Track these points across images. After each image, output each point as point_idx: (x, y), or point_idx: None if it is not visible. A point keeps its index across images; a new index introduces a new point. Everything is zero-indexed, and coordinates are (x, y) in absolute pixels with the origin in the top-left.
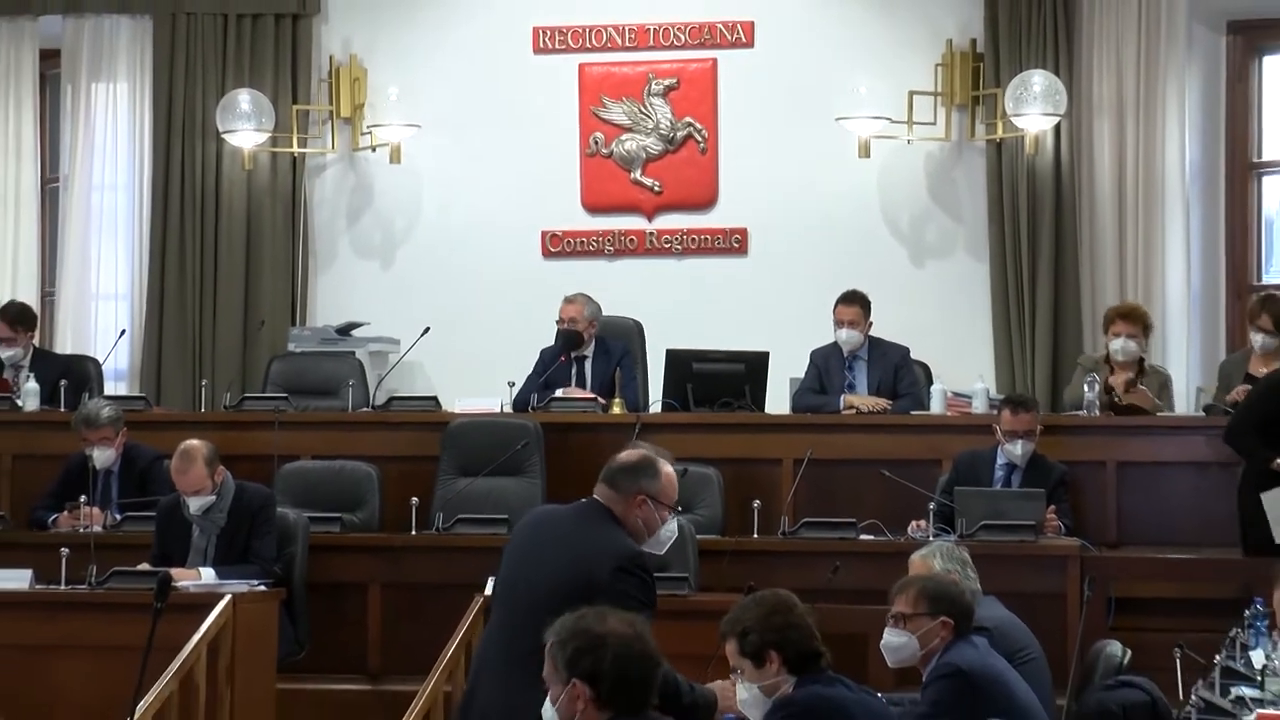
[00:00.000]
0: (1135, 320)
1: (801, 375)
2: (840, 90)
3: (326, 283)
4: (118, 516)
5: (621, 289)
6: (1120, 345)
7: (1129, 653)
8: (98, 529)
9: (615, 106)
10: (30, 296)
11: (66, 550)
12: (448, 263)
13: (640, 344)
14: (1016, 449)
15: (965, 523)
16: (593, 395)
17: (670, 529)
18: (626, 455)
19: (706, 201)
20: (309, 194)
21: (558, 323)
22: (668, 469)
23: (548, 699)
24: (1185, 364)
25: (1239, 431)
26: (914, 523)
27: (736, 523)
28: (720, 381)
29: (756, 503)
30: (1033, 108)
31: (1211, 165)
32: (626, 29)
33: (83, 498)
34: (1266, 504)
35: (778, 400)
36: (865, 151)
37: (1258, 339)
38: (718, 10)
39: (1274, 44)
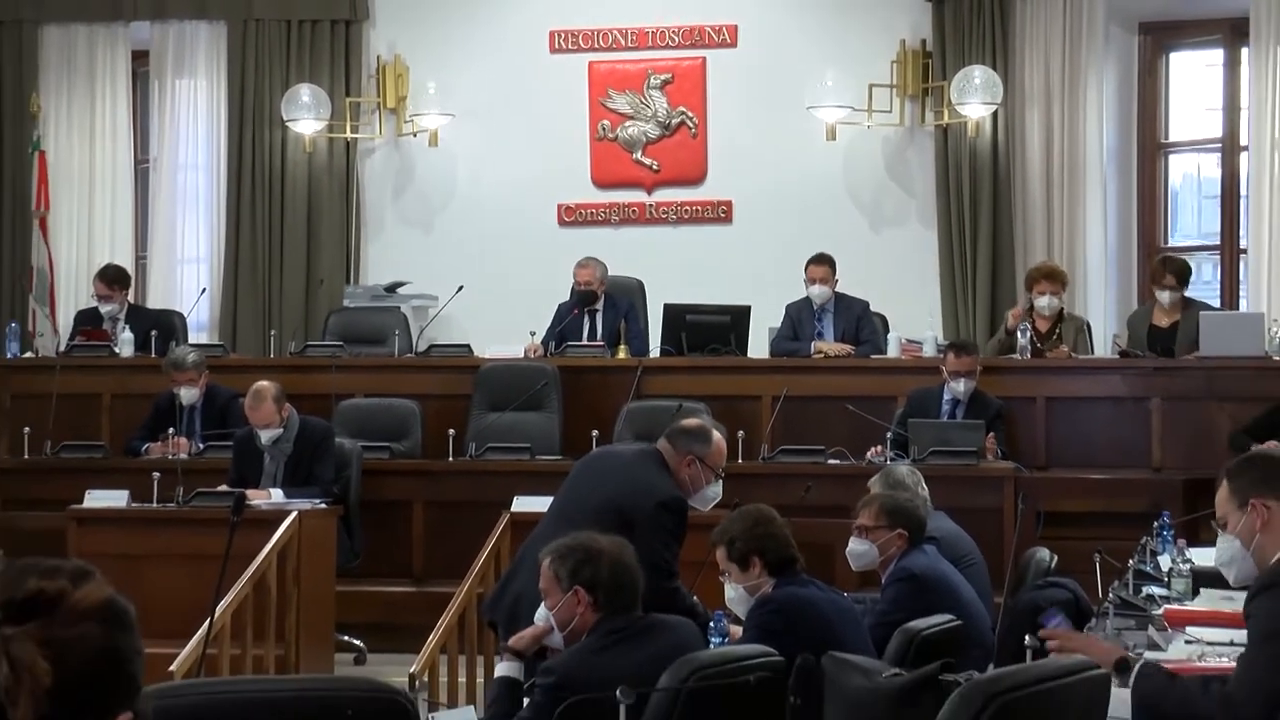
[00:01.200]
0: (1056, 279)
1: (778, 325)
2: (810, 83)
3: (375, 248)
4: (200, 446)
5: (625, 253)
6: (1046, 302)
7: (1055, 558)
8: (183, 456)
9: (619, 98)
10: (126, 260)
11: (157, 474)
12: (478, 230)
13: (641, 299)
14: (959, 386)
15: (917, 449)
16: (602, 343)
17: (715, 490)
18: (689, 420)
19: (697, 178)
20: (360, 173)
21: (575, 284)
22: (719, 439)
23: (542, 606)
24: (1103, 314)
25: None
26: (873, 449)
27: (727, 454)
28: (709, 330)
29: (740, 433)
30: (973, 98)
31: (1125, 146)
32: (629, 32)
33: (170, 430)
34: None
35: (758, 346)
36: (832, 135)
37: (1164, 295)
38: (706, 15)
39: (1179, 42)
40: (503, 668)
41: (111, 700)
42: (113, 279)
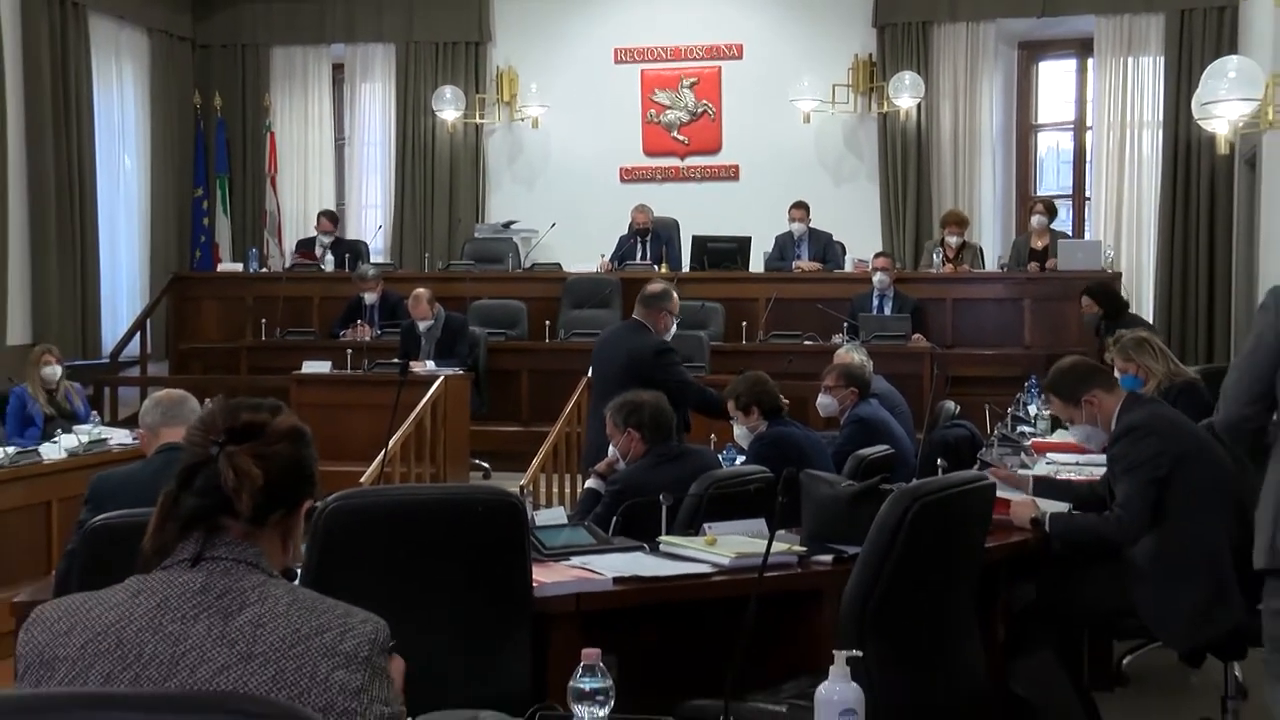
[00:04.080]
0: (960, 222)
1: (770, 250)
2: (792, 83)
3: (495, 198)
4: (378, 332)
5: (666, 201)
6: (955, 239)
7: (958, 407)
8: (367, 339)
9: (662, 94)
10: (329, 206)
11: (351, 351)
12: (564, 185)
13: (677, 233)
14: (878, 277)
15: (864, 334)
16: (649, 262)
17: (674, 329)
18: (653, 286)
19: (715, 149)
20: (485, 147)
21: (631, 222)
22: (674, 293)
23: (611, 444)
24: (992, 243)
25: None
26: (835, 335)
27: (732, 335)
28: (723, 254)
29: (744, 323)
30: (904, 94)
31: (1007, 126)
32: (668, 49)
33: (358, 321)
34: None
35: (756, 264)
36: (807, 120)
37: (1036, 219)
38: (721, 37)
39: (1045, 55)
40: (589, 483)
41: (299, 493)
42: (329, 217)
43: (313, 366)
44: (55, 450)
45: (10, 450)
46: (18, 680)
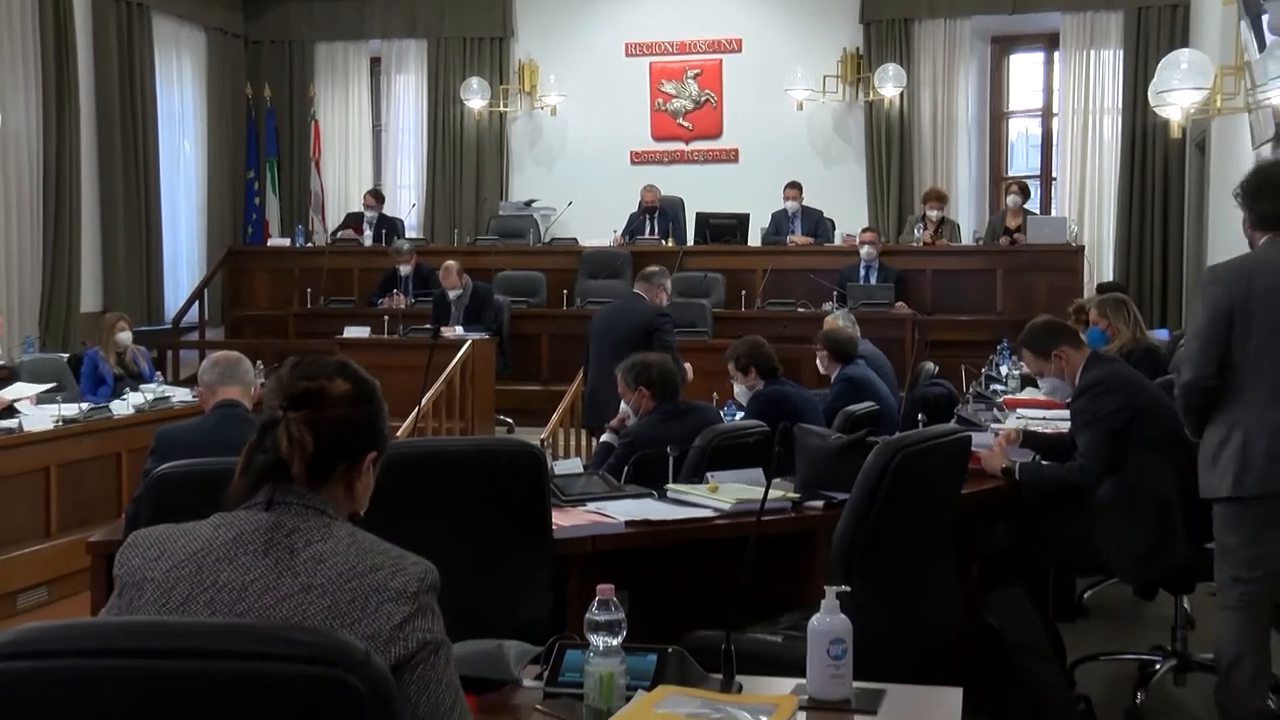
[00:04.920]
0: (940, 199)
1: (767, 225)
2: (787, 74)
3: (518, 179)
4: (412, 300)
5: (672, 181)
6: (935, 214)
7: (937, 368)
8: (402, 307)
9: (668, 85)
10: (367, 187)
11: (387, 317)
12: (581, 168)
13: (682, 210)
14: (865, 250)
15: (851, 301)
16: (657, 237)
17: (666, 301)
18: (650, 268)
19: (716, 135)
20: (508, 133)
21: (640, 200)
22: (669, 272)
23: (623, 401)
24: (968, 219)
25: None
26: (826, 303)
27: (732, 302)
28: (724, 229)
29: (743, 292)
30: (888, 84)
31: (981, 113)
32: (674, 43)
33: (394, 290)
34: None
35: (754, 239)
36: (800, 108)
37: (1011, 199)
38: (721, 32)
39: (1015, 48)
40: (604, 437)
41: (358, 449)
42: (379, 196)
43: (353, 332)
44: (124, 407)
45: (84, 407)
46: (115, 596)
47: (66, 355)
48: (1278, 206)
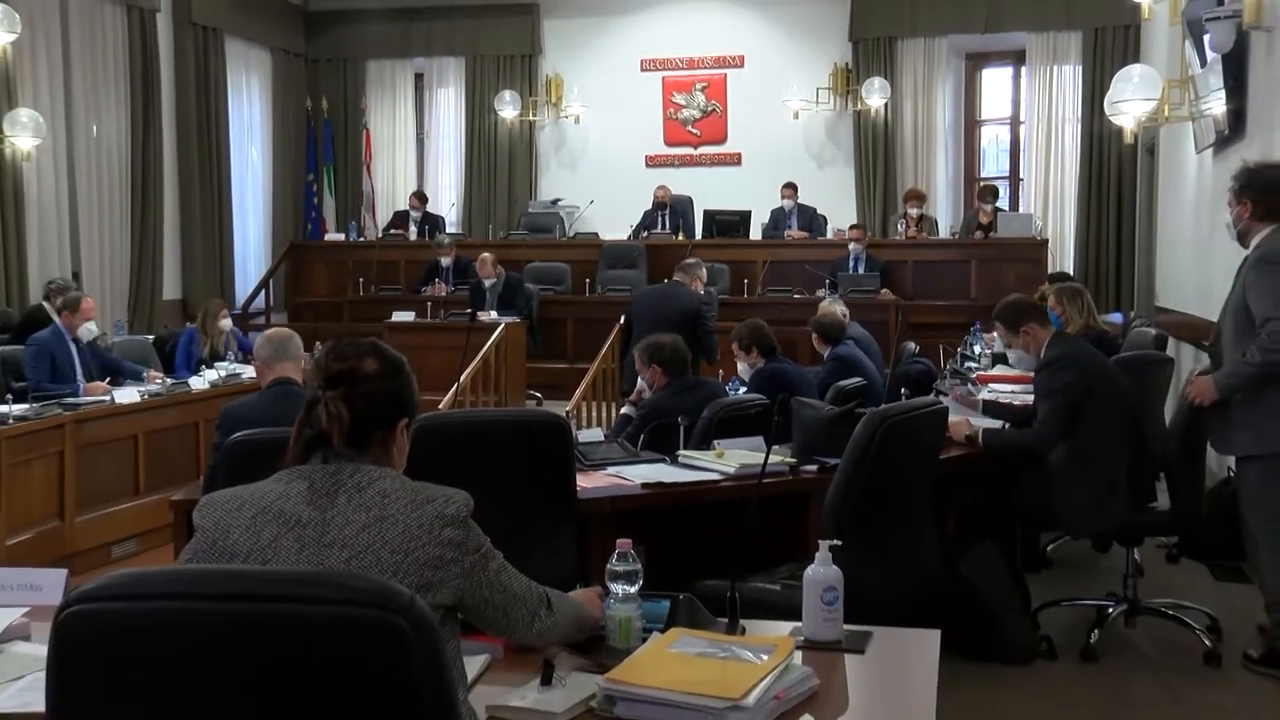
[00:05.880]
0: (919, 197)
1: (766, 221)
2: (784, 87)
3: (545, 179)
4: (452, 288)
5: (683, 181)
6: (915, 212)
7: (918, 347)
8: (443, 294)
9: (679, 96)
10: (411, 188)
11: (430, 303)
12: (601, 170)
13: (691, 207)
14: (852, 244)
15: (841, 289)
16: (668, 232)
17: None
18: (689, 260)
19: (721, 140)
20: (537, 139)
21: (654, 199)
22: (702, 264)
23: (639, 379)
24: (946, 215)
25: None
26: (819, 290)
27: (736, 289)
28: (729, 225)
29: (745, 280)
30: (874, 95)
31: (957, 121)
32: (684, 59)
33: (436, 279)
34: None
35: (755, 233)
36: (796, 116)
37: (985, 206)
38: (726, 49)
39: (987, 64)
40: (624, 410)
41: (391, 417)
42: (419, 197)
43: (400, 316)
44: (201, 382)
45: (168, 382)
46: (194, 542)
47: (151, 337)
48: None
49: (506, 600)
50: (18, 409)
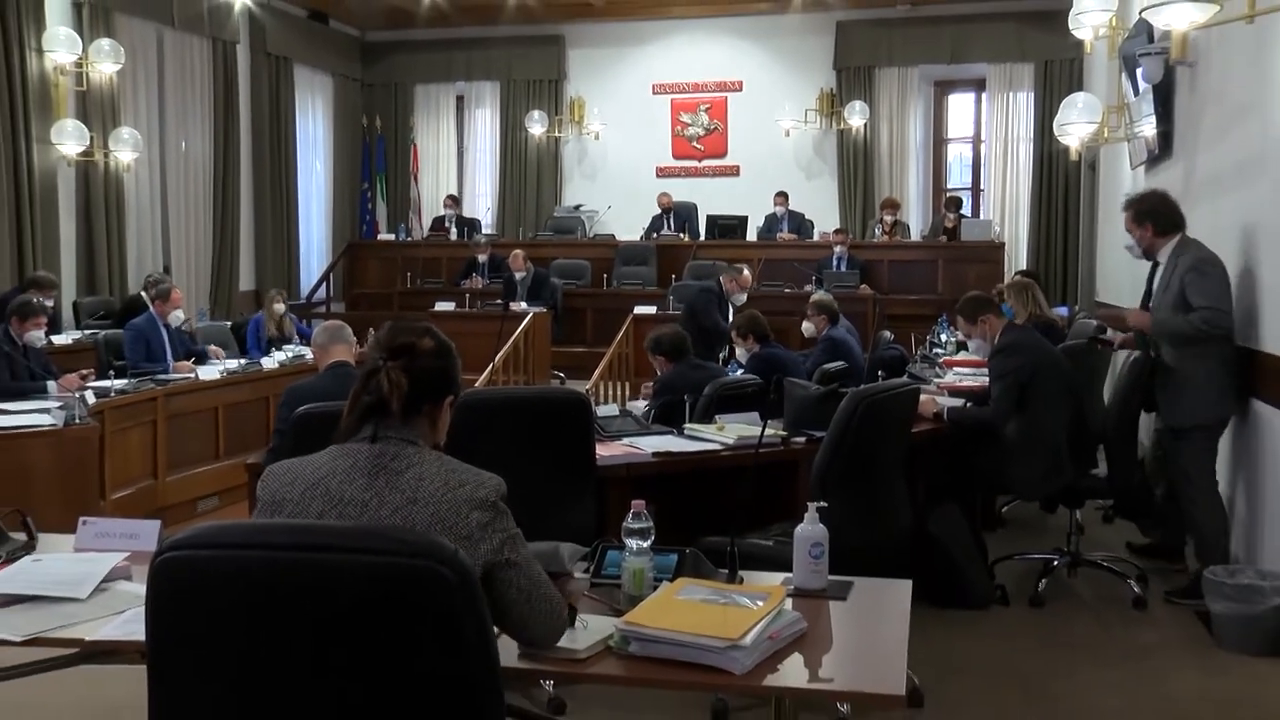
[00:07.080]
0: (894, 205)
1: (761, 225)
2: (778, 108)
3: (569, 188)
4: (488, 281)
5: (688, 190)
6: (890, 218)
7: (893, 335)
8: (480, 287)
9: (686, 116)
10: (452, 192)
11: (468, 295)
12: (617, 179)
13: (695, 212)
14: (837, 250)
15: (826, 284)
16: (675, 233)
17: (740, 297)
18: (737, 264)
19: (722, 154)
20: (562, 154)
21: (660, 206)
22: (746, 271)
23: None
24: (917, 220)
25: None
26: (807, 286)
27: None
28: (728, 227)
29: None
30: (855, 117)
31: (927, 139)
32: (690, 84)
33: (474, 274)
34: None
35: (751, 235)
36: (788, 134)
37: (949, 216)
38: (726, 75)
39: (952, 90)
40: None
41: (440, 391)
42: (452, 200)
43: (443, 306)
44: (271, 362)
45: (243, 361)
46: (257, 513)
47: (230, 323)
48: (1172, 216)
49: (532, 586)
50: (118, 384)
